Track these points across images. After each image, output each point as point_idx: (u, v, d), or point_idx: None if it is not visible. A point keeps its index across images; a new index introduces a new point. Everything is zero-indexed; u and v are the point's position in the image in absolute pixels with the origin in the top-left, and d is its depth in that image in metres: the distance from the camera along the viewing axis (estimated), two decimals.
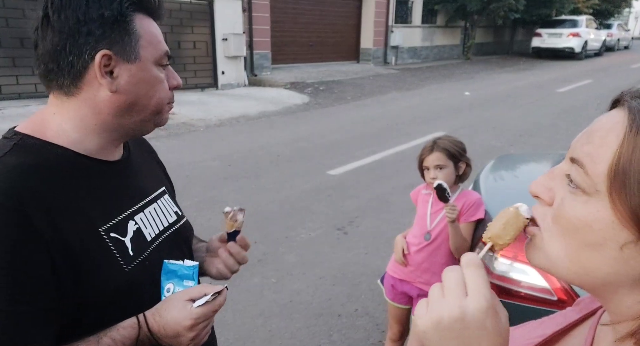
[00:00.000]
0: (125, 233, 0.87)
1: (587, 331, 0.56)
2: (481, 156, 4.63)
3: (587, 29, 19.87)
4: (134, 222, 0.90)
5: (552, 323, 0.63)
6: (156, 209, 0.98)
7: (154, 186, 1.03)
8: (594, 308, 0.60)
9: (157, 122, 0.92)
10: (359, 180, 5.15)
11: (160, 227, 0.97)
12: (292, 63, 13.72)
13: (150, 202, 0.97)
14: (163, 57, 0.90)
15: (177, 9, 9.70)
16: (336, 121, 8.16)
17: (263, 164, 5.63)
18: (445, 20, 18.92)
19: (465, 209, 1.94)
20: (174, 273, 0.92)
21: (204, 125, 7.71)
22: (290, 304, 2.91)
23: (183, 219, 1.07)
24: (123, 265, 0.84)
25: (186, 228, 1.08)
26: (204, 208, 4.29)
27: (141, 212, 0.93)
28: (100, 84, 0.82)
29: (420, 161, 2.00)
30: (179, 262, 0.93)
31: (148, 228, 0.93)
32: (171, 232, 1.00)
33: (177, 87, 0.94)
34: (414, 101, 10.26)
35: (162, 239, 0.96)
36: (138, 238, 0.89)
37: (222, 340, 2.59)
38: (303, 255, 3.50)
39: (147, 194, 0.98)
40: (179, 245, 1.02)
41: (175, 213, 1.05)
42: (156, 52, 0.88)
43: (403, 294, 2.13)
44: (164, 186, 1.08)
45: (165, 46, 0.92)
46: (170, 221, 1.01)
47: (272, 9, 12.30)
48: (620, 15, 31.07)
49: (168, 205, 1.04)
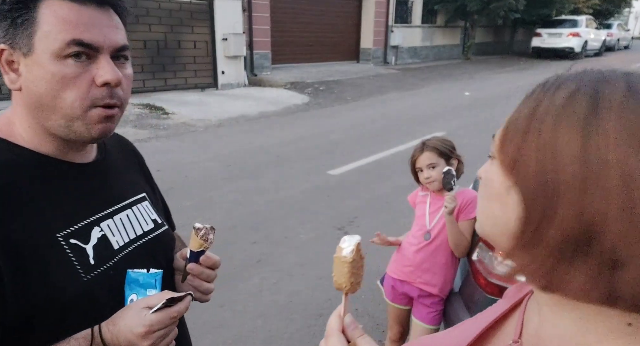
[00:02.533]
0: (88, 239, 0.80)
1: (517, 319, 0.58)
2: (481, 156, 4.61)
3: (587, 29, 19.87)
4: (100, 229, 0.83)
5: (485, 318, 0.64)
6: (129, 216, 0.90)
7: (132, 191, 0.95)
8: (521, 297, 0.61)
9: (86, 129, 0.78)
10: (359, 180, 5.14)
11: (132, 235, 0.89)
12: (292, 63, 13.71)
13: (123, 208, 0.90)
14: (66, 47, 0.72)
15: (177, 8, 9.70)
16: (336, 121, 8.15)
17: (263, 164, 5.63)
18: (445, 20, 18.91)
19: (463, 207, 1.94)
20: (136, 282, 0.86)
21: (204, 125, 7.70)
22: (290, 304, 2.91)
23: (162, 228, 0.98)
24: (81, 274, 0.77)
25: (165, 238, 0.98)
26: (204, 208, 4.29)
27: (110, 218, 0.86)
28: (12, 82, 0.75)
29: (413, 163, 2.02)
30: (142, 270, 0.86)
31: (116, 236, 0.86)
32: (145, 241, 0.92)
33: (109, 84, 0.77)
34: (414, 101, 10.25)
35: (133, 249, 0.89)
36: (103, 246, 0.82)
37: (221, 340, 2.59)
38: (303, 255, 3.49)
39: (121, 200, 0.90)
40: (154, 255, 0.94)
41: (153, 221, 0.96)
42: (56, 42, 0.72)
43: (403, 295, 2.12)
44: (145, 192, 0.99)
45: (71, 34, 0.72)
46: (145, 230, 0.93)
47: (272, 8, 12.29)
48: (620, 15, 31.07)
49: (146, 212, 0.95)
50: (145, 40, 9.32)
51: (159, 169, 5.40)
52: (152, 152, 6.15)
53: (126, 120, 7.52)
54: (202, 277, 0.95)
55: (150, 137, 6.75)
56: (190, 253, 0.91)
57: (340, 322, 0.62)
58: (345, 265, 0.62)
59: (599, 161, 0.41)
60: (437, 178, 1.94)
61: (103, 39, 0.75)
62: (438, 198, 2.02)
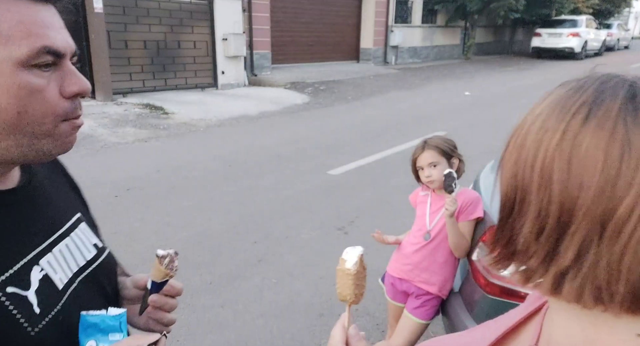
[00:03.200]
0: (28, 284, 0.65)
1: (536, 324, 0.57)
2: (481, 156, 4.62)
3: (587, 28, 19.87)
4: (40, 268, 0.68)
5: (506, 321, 0.63)
6: (69, 246, 0.76)
7: (67, 214, 0.80)
8: (543, 302, 0.60)
9: (54, 146, 0.67)
10: (359, 180, 5.15)
11: (74, 267, 0.75)
12: (292, 63, 13.71)
13: (61, 237, 0.75)
14: (35, 56, 0.62)
15: (177, 8, 9.70)
16: (336, 121, 8.16)
17: (263, 164, 5.63)
18: (445, 20, 18.91)
19: (463, 208, 1.95)
20: (95, 327, 0.73)
21: (204, 125, 7.71)
22: (291, 304, 2.91)
23: (104, 252, 0.85)
24: (27, 328, 0.64)
25: (109, 264, 0.85)
26: (204, 208, 4.29)
27: (49, 252, 0.71)
28: None
29: (414, 162, 2.02)
30: (101, 312, 0.74)
31: (59, 273, 0.71)
32: (90, 271, 0.78)
33: (78, 95, 0.68)
34: (414, 100, 10.26)
35: (79, 283, 0.75)
36: (46, 288, 0.68)
37: (222, 340, 2.59)
38: (303, 255, 3.49)
39: (58, 228, 0.75)
40: (101, 287, 0.81)
41: (94, 245, 0.82)
42: (21, 49, 0.61)
43: (403, 293, 2.14)
44: (79, 211, 0.84)
45: (41, 40, 0.62)
46: (87, 258, 0.79)
47: (272, 8, 12.30)
48: (620, 15, 31.05)
49: (85, 237, 0.81)
50: (145, 40, 9.32)
51: (159, 169, 5.40)
52: (152, 152, 6.16)
53: (126, 120, 7.52)
54: (165, 308, 0.85)
55: (150, 137, 6.75)
56: (152, 284, 0.80)
57: (344, 333, 0.63)
58: (349, 278, 0.64)
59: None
60: (438, 177, 1.94)
61: (66, 44, 0.66)
62: (439, 198, 2.02)
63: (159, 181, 4.98)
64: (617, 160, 0.39)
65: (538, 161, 0.43)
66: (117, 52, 8.84)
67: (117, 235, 3.73)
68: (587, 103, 0.43)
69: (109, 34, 8.55)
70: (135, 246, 3.48)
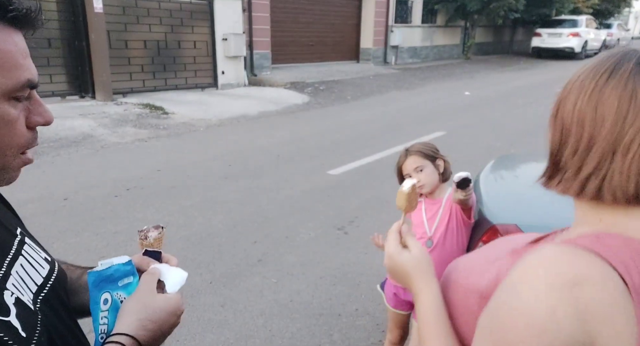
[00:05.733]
0: (8, 310, 0.61)
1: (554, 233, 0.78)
2: (481, 156, 4.62)
3: (587, 28, 19.87)
4: (10, 292, 0.64)
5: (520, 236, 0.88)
6: (24, 265, 0.70)
7: (11, 232, 0.74)
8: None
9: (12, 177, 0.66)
10: (359, 180, 5.15)
11: (34, 287, 0.70)
12: (292, 63, 13.71)
13: (14, 258, 0.70)
14: (19, 88, 0.61)
15: (177, 8, 9.70)
16: (336, 121, 8.16)
17: (263, 164, 5.64)
18: (445, 20, 18.91)
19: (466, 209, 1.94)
20: (108, 279, 0.75)
21: (204, 125, 7.71)
22: (291, 304, 2.91)
23: (55, 265, 0.80)
24: None
25: (63, 277, 0.81)
26: (204, 208, 4.29)
27: (10, 275, 0.66)
28: None
29: (399, 171, 2.01)
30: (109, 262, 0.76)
31: (25, 294, 0.67)
32: (49, 288, 0.74)
33: (43, 125, 0.66)
34: (414, 100, 10.26)
35: (42, 302, 0.70)
36: (22, 311, 0.64)
37: (222, 340, 2.59)
38: (303, 255, 3.50)
39: (8, 249, 0.69)
40: (62, 301, 0.76)
41: (45, 259, 0.77)
42: (5, 81, 0.59)
43: (407, 302, 2.10)
44: (18, 227, 0.78)
45: (25, 73, 0.61)
46: (43, 275, 0.74)
47: (272, 8, 12.30)
48: (620, 15, 31.04)
49: (35, 253, 0.76)
50: (145, 40, 9.32)
51: (159, 169, 5.41)
52: (153, 152, 6.16)
53: (126, 120, 7.53)
54: None
55: (151, 137, 6.76)
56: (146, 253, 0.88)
57: (398, 227, 0.90)
58: (404, 196, 0.93)
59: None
60: (427, 181, 1.92)
61: (36, 73, 0.64)
62: (432, 202, 1.99)
63: (159, 181, 4.99)
64: (627, 105, 0.61)
65: (577, 108, 0.65)
66: (117, 52, 8.84)
67: (117, 235, 3.74)
68: (610, 68, 0.64)
69: (109, 34, 8.55)
70: (135, 246, 3.46)
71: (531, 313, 0.57)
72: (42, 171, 5.17)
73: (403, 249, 0.86)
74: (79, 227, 3.88)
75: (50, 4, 7.95)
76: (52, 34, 8.03)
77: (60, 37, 8.17)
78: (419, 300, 0.80)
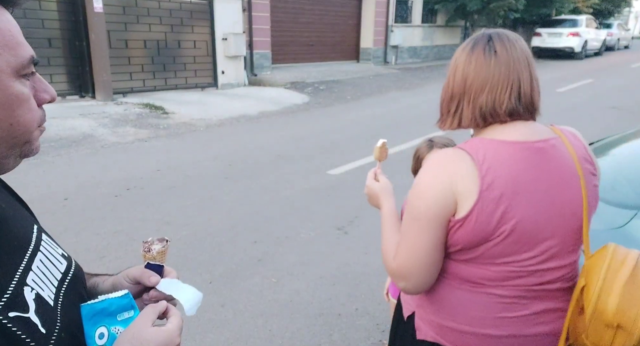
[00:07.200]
0: (27, 306, 0.62)
1: None
2: None
3: (587, 28, 19.85)
4: (30, 287, 0.64)
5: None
6: (43, 261, 0.71)
7: (28, 228, 0.74)
8: None
9: (25, 154, 0.68)
10: (359, 180, 5.15)
11: (55, 282, 0.71)
12: (292, 63, 13.72)
13: (34, 253, 0.70)
14: (26, 65, 0.63)
15: (177, 8, 9.70)
16: (336, 121, 8.16)
17: (263, 164, 5.64)
18: (445, 19, 18.92)
19: None
20: (103, 313, 0.72)
21: (204, 125, 7.71)
22: (291, 304, 2.91)
23: (72, 261, 0.81)
24: None
25: (81, 273, 0.83)
26: (204, 208, 4.29)
27: (30, 271, 0.67)
28: None
29: (418, 160, 1.97)
30: (104, 297, 0.74)
31: (45, 289, 0.67)
32: (68, 283, 0.74)
33: (49, 102, 0.69)
34: (414, 100, 10.26)
35: (63, 298, 0.71)
36: (42, 307, 0.64)
37: (222, 339, 2.59)
38: (303, 255, 3.50)
39: (27, 244, 0.70)
40: (81, 296, 0.77)
41: (62, 255, 0.78)
42: (14, 58, 0.61)
43: None
44: (34, 223, 0.78)
45: (28, 49, 0.63)
46: (61, 270, 0.75)
47: (272, 8, 12.30)
48: (620, 14, 31.06)
49: (52, 248, 0.77)
50: (145, 40, 9.32)
51: (159, 168, 5.41)
52: (152, 151, 6.16)
53: (126, 120, 7.53)
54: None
55: (151, 137, 6.76)
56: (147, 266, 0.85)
57: (374, 170, 1.41)
58: (377, 149, 1.41)
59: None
60: None
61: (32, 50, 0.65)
62: None
63: (159, 181, 4.99)
64: (482, 66, 1.07)
65: (457, 72, 1.11)
66: (117, 52, 8.84)
67: (117, 235, 3.74)
68: (472, 43, 1.11)
69: (109, 33, 8.55)
70: (135, 246, 3.48)
71: (423, 180, 1.07)
72: (42, 171, 5.17)
73: (375, 182, 1.37)
74: (79, 227, 3.88)
75: (50, 3, 7.95)
76: (52, 34, 8.04)
77: (61, 37, 8.17)
78: (382, 210, 1.30)
